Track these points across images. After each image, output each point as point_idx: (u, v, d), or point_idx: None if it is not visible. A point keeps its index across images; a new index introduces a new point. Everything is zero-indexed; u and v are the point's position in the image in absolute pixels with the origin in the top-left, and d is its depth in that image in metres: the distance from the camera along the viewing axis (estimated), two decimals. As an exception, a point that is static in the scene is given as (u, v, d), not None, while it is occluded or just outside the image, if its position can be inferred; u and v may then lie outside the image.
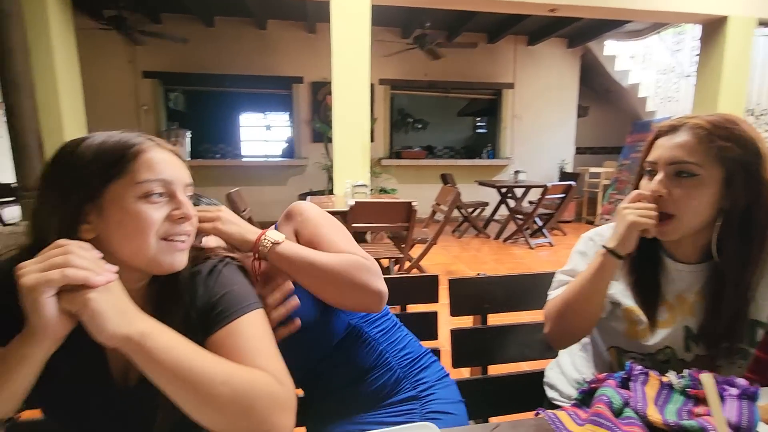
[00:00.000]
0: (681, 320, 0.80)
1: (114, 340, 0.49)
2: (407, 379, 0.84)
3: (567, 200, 4.73)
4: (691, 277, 0.80)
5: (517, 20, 5.34)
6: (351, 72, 3.56)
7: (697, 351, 0.80)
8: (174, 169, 0.60)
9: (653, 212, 0.73)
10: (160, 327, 0.53)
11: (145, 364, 0.50)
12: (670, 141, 0.74)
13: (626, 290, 0.83)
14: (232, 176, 5.80)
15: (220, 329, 0.59)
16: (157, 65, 5.47)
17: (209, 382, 0.51)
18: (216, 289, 0.62)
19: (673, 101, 5.82)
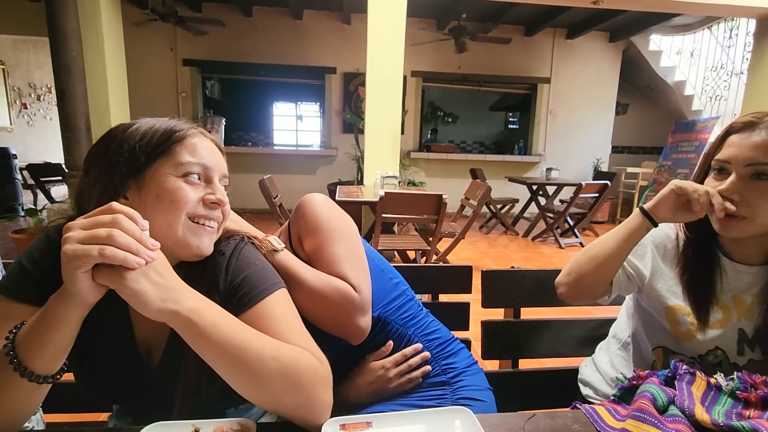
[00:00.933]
0: (736, 322, 0.77)
1: (161, 315, 0.49)
2: (436, 361, 0.85)
3: (601, 200, 4.58)
4: (751, 279, 0.77)
5: (556, 12, 5.17)
6: (385, 63, 3.56)
7: (751, 355, 0.77)
8: (213, 156, 0.64)
9: (717, 199, 0.68)
10: (207, 303, 0.53)
11: (194, 340, 0.51)
12: (747, 140, 0.69)
13: (676, 287, 0.80)
14: (264, 164, 5.92)
15: (245, 312, 0.59)
16: (196, 53, 5.62)
17: (259, 357, 0.52)
18: (237, 271, 0.62)
19: (722, 100, 5.51)
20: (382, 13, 3.50)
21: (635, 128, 7.02)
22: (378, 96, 3.61)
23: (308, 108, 8.54)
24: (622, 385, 0.66)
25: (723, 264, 0.78)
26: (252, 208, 5.85)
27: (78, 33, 2.94)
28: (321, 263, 0.74)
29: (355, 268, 0.74)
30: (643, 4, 3.80)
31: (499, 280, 1.11)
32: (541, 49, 6.23)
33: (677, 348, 0.81)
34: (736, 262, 0.78)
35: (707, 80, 5.77)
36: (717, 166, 0.72)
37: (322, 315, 0.72)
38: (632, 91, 6.83)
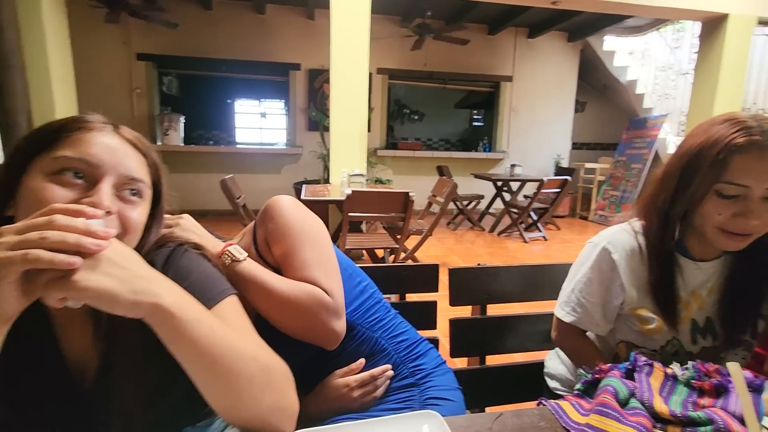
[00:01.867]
0: (691, 315, 0.81)
1: (137, 310, 0.42)
2: (404, 364, 0.84)
3: (562, 195, 4.74)
4: (707, 274, 0.81)
5: (518, 12, 5.30)
6: (349, 60, 3.52)
7: (703, 343, 0.81)
8: (114, 156, 0.53)
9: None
10: (187, 295, 0.48)
11: (174, 339, 0.45)
12: (761, 162, 0.65)
13: (642, 293, 0.81)
14: (226, 163, 5.73)
15: None
16: (151, 47, 5.35)
17: (242, 357, 0.48)
18: (176, 280, 0.54)
19: (671, 99, 5.83)
20: (346, 9, 3.45)
21: (593, 125, 7.32)
22: (343, 93, 3.57)
23: (272, 105, 8.34)
24: (586, 379, 0.67)
25: (681, 264, 0.80)
26: (214, 209, 5.68)
27: (15, 23, 2.72)
28: (291, 268, 0.72)
29: (327, 272, 0.73)
30: (597, 5, 3.96)
31: (466, 278, 1.11)
32: (504, 48, 6.37)
33: (641, 342, 0.83)
34: (695, 260, 0.80)
35: (657, 80, 6.09)
36: (730, 192, 0.68)
37: (296, 322, 0.70)
38: (589, 89, 7.11)
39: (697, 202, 0.71)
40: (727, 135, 0.67)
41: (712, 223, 0.71)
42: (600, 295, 0.82)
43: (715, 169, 0.67)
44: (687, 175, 0.71)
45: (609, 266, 0.81)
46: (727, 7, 3.99)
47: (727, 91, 4.14)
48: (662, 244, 0.77)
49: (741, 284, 0.78)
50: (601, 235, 0.85)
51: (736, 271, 0.79)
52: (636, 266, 0.80)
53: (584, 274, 0.84)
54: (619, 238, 0.82)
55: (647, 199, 0.80)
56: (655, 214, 0.77)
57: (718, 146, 0.67)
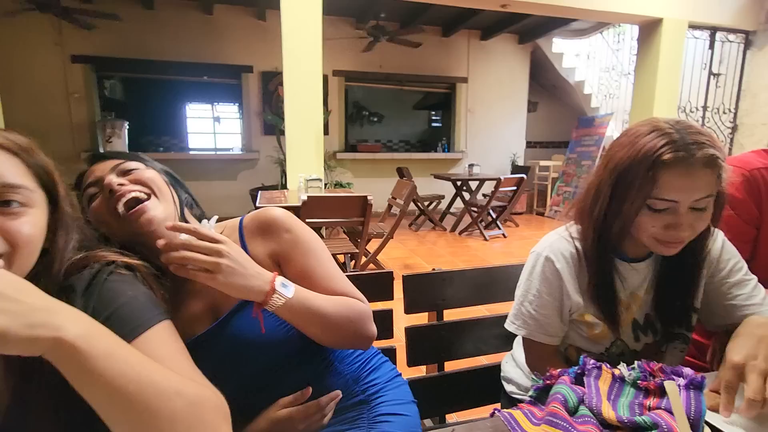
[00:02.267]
0: (632, 315, 0.82)
1: (34, 347, 0.37)
2: (357, 383, 0.79)
3: (519, 193, 4.88)
4: (643, 274, 0.82)
5: (470, 15, 5.40)
6: (303, 62, 3.44)
7: (645, 340, 0.83)
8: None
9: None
10: (97, 326, 0.42)
11: (80, 377, 0.40)
12: (687, 179, 0.67)
13: (586, 299, 0.81)
14: (178, 171, 5.19)
15: None
16: (87, 49, 5.01)
17: (162, 393, 0.43)
18: (100, 308, 0.50)
19: (615, 98, 6.15)
20: (297, 10, 3.38)
21: (545, 124, 7.60)
22: (297, 96, 3.48)
23: (226, 109, 8.07)
24: (537, 385, 0.65)
25: (618, 266, 0.81)
26: (167, 218, 5.37)
27: None
28: (318, 280, 0.72)
29: (346, 279, 0.75)
30: (543, 8, 4.10)
31: (421, 284, 1.09)
32: (458, 50, 6.48)
33: (588, 347, 0.84)
34: (630, 261, 0.82)
35: (602, 80, 6.41)
36: (659, 206, 0.69)
37: (343, 337, 0.72)
38: (541, 90, 7.38)
39: (632, 217, 0.72)
40: (654, 150, 0.67)
41: (646, 234, 0.73)
42: (552, 306, 0.82)
43: (646, 186, 0.68)
44: (620, 191, 0.72)
45: (554, 275, 0.81)
46: (661, 12, 4.25)
47: (665, 91, 4.41)
48: (600, 252, 0.78)
49: (671, 280, 0.81)
50: (541, 244, 0.85)
51: (665, 267, 0.82)
52: (578, 273, 0.81)
53: (533, 287, 0.83)
54: (559, 246, 0.82)
55: (582, 209, 0.80)
56: (591, 225, 0.78)
57: (647, 163, 0.68)
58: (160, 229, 0.65)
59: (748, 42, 4.67)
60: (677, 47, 4.39)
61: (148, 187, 0.69)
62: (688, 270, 0.80)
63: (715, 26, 4.55)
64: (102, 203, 0.66)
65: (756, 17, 4.54)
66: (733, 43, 4.69)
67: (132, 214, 0.65)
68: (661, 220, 0.70)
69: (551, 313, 0.82)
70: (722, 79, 4.79)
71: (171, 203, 0.71)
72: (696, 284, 0.81)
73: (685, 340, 0.85)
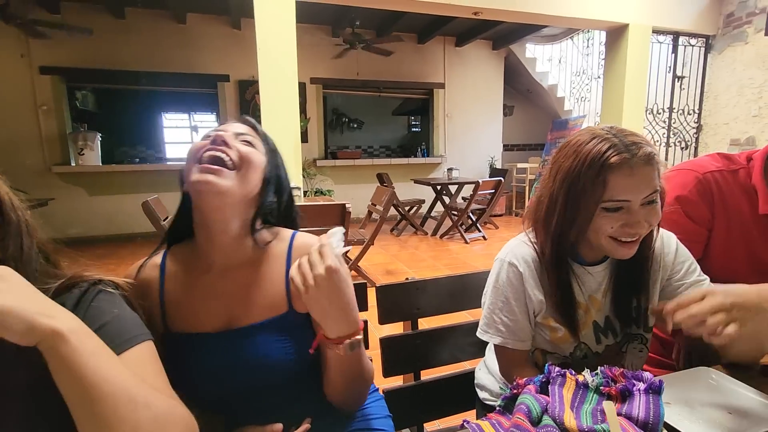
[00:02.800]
0: (592, 318, 0.85)
1: (33, 335, 0.40)
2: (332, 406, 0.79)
3: (497, 195, 4.95)
4: (599, 277, 0.85)
5: (444, 21, 5.48)
6: (278, 70, 3.42)
7: (606, 342, 0.86)
8: None
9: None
10: (86, 326, 0.46)
11: (64, 370, 0.42)
12: (633, 178, 0.70)
13: (548, 305, 0.83)
14: (155, 182, 5.35)
15: None
16: (56, 60, 4.87)
17: (131, 401, 0.45)
18: (87, 324, 0.51)
19: (587, 101, 6.32)
20: (271, 19, 3.36)
21: (521, 127, 7.75)
22: (274, 104, 3.46)
23: (203, 118, 7.97)
24: (505, 395, 0.66)
25: (576, 270, 0.84)
26: (143, 231, 5.27)
27: None
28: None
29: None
30: (514, 16, 4.19)
31: (394, 294, 1.09)
32: (434, 56, 6.57)
33: (553, 349, 0.86)
34: (587, 265, 0.84)
35: (574, 84, 6.58)
36: (613, 207, 0.72)
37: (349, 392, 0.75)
38: (515, 94, 7.53)
39: (588, 222, 0.75)
40: (600, 155, 0.71)
41: (605, 236, 0.75)
42: (520, 311, 0.83)
43: (597, 190, 0.71)
44: (573, 199, 0.74)
45: (518, 279, 0.83)
46: (627, 18, 4.40)
47: (633, 93, 4.56)
48: (558, 259, 0.80)
49: (625, 282, 0.84)
50: (504, 250, 0.87)
51: (619, 269, 0.85)
52: (539, 276, 0.83)
53: (501, 294, 0.84)
54: (521, 251, 0.84)
55: (537, 221, 0.83)
56: (549, 236, 0.80)
57: (595, 168, 0.71)
58: (210, 197, 0.67)
59: (708, 46, 4.88)
60: (643, 51, 4.55)
61: (241, 161, 0.69)
62: (639, 270, 0.83)
63: (678, 31, 4.73)
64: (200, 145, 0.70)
65: (715, 22, 4.75)
66: (694, 47, 4.89)
67: (204, 167, 0.67)
68: (618, 220, 0.73)
69: (521, 318, 0.83)
70: (686, 82, 4.98)
71: (245, 189, 0.70)
72: (647, 284, 0.84)
73: (643, 340, 0.88)
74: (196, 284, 0.72)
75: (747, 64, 4.52)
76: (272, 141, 0.79)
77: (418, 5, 3.84)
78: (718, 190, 0.98)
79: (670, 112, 4.98)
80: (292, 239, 0.77)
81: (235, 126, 0.75)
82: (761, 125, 4.43)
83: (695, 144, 5.10)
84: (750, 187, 0.98)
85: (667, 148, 5.03)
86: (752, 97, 4.49)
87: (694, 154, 5.11)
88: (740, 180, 0.99)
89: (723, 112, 4.80)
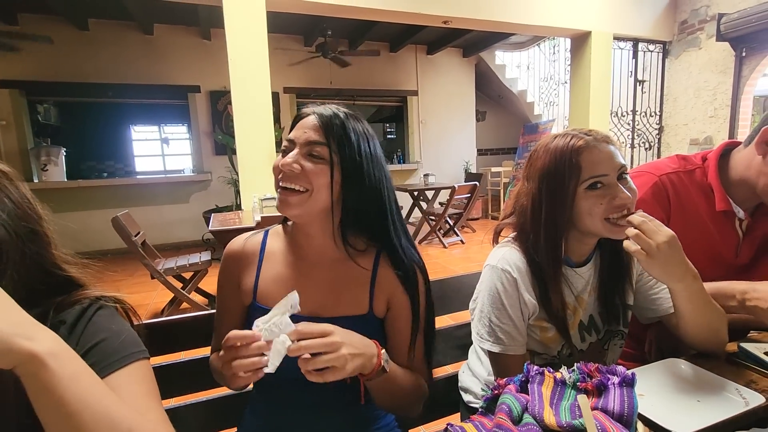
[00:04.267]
0: (578, 317, 0.87)
1: (9, 357, 0.38)
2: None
3: (473, 199, 5.03)
4: (585, 277, 0.88)
5: (415, 30, 5.57)
6: (250, 80, 3.40)
7: (589, 339, 0.89)
8: None
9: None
10: (67, 347, 0.43)
11: (42, 395, 0.40)
12: (603, 154, 0.78)
13: (540, 308, 0.84)
14: (124, 197, 5.19)
15: None
16: (14, 73, 4.68)
17: (111, 426, 0.43)
18: (85, 341, 0.52)
19: (555, 105, 6.53)
20: (242, 30, 3.34)
21: (494, 132, 7.92)
22: (247, 115, 3.43)
23: (174, 130, 7.78)
24: (486, 396, 0.67)
25: (565, 272, 0.85)
26: (113, 248, 5.08)
27: None
28: (405, 341, 0.79)
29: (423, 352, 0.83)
30: (483, 24, 4.31)
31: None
32: (407, 64, 6.65)
33: (543, 350, 0.87)
34: (574, 266, 0.87)
35: (542, 89, 6.79)
36: (594, 182, 0.78)
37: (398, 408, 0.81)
38: (487, 99, 7.70)
39: (571, 204, 0.79)
40: (567, 144, 0.79)
41: (599, 216, 0.78)
42: (516, 317, 0.83)
43: (574, 172, 0.78)
44: (554, 188, 0.79)
45: (512, 286, 0.82)
46: (589, 26, 4.59)
47: (598, 97, 4.74)
48: (554, 257, 0.82)
49: (607, 281, 0.88)
50: (494, 257, 0.86)
51: (602, 269, 0.88)
52: (530, 281, 0.84)
53: (497, 302, 0.83)
54: (511, 257, 0.84)
55: (524, 225, 0.85)
56: (542, 235, 0.81)
57: (567, 154, 0.78)
58: (289, 215, 0.75)
59: (665, 51, 5.14)
60: (605, 57, 4.74)
61: (309, 183, 0.72)
62: (617, 268, 0.87)
63: (637, 38, 4.97)
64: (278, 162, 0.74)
65: (671, 29, 5.01)
66: (653, 52, 5.14)
67: (281, 193, 0.74)
68: (603, 197, 0.78)
69: (518, 324, 0.83)
70: (647, 85, 5.22)
71: (316, 206, 0.73)
72: (626, 282, 0.88)
73: (622, 336, 0.91)
74: (292, 267, 0.79)
75: (702, 68, 4.78)
76: (354, 136, 0.73)
77: (390, 15, 3.90)
78: (674, 191, 1.02)
79: (633, 114, 5.20)
80: (379, 254, 0.80)
81: (309, 131, 0.73)
82: (717, 125, 4.68)
83: (658, 144, 5.34)
84: (706, 185, 1.03)
85: (632, 149, 5.25)
86: (708, 98, 4.74)
87: (658, 153, 5.34)
88: (696, 179, 1.04)
89: (682, 114, 5.05)
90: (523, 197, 0.85)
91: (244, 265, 0.80)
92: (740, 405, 0.68)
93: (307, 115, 0.75)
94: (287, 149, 0.75)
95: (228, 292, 0.81)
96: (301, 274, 0.78)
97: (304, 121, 0.74)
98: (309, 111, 0.75)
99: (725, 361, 0.83)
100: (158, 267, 2.92)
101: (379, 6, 3.71)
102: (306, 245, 0.80)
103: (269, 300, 0.76)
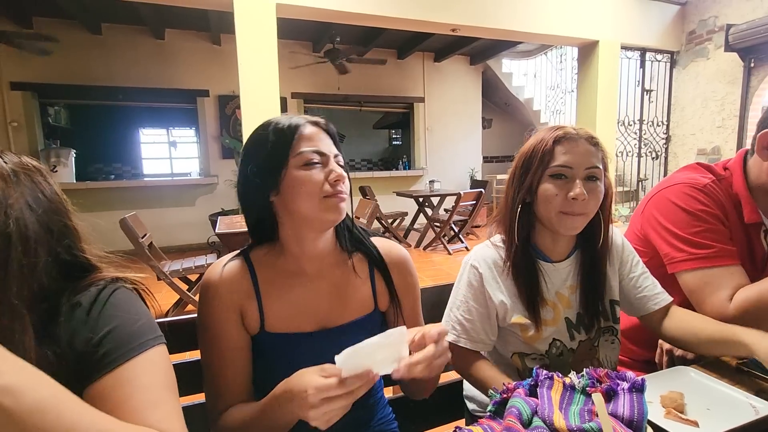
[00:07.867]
0: (562, 314, 0.88)
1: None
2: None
3: (478, 206, 5.03)
4: (564, 273, 0.89)
5: (423, 38, 5.61)
6: (260, 85, 3.44)
7: (579, 337, 0.89)
8: None
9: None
10: (32, 377, 0.39)
11: (5, 428, 0.37)
12: (576, 150, 0.81)
13: (514, 302, 0.86)
14: (131, 199, 5.23)
15: (104, 376, 0.47)
16: (28, 76, 4.76)
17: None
18: (101, 324, 0.50)
19: (561, 114, 6.53)
20: (252, 35, 3.39)
21: (499, 139, 7.93)
22: (255, 119, 3.45)
23: (182, 133, 7.86)
24: (495, 399, 0.67)
25: (542, 267, 0.88)
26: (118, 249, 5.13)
27: None
28: (416, 321, 0.83)
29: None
30: (491, 32, 4.33)
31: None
32: (414, 71, 6.69)
33: (529, 350, 0.88)
34: (552, 261, 0.89)
35: (549, 97, 6.80)
36: (557, 172, 0.81)
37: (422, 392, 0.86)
38: (493, 107, 7.72)
39: (536, 188, 0.83)
40: (550, 132, 0.84)
41: (553, 207, 0.81)
42: (478, 312, 0.87)
43: (546, 159, 0.82)
44: (527, 173, 0.84)
45: (478, 282, 0.87)
46: (597, 35, 4.60)
47: (605, 106, 4.74)
48: (524, 252, 0.85)
49: (590, 278, 0.89)
50: (470, 254, 0.92)
51: (583, 266, 0.89)
52: (502, 277, 0.87)
53: (461, 294, 0.89)
54: (483, 253, 0.89)
55: (502, 217, 0.91)
56: (507, 215, 0.87)
57: (546, 141, 0.83)
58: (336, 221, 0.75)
59: (673, 61, 5.13)
60: (613, 66, 4.75)
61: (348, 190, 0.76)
62: (601, 264, 0.89)
63: (645, 47, 4.97)
64: (319, 174, 0.71)
65: (678, 39, 5.01)
66: (660, 62, 5.13)
67: (338, 198, 0.72)
68: (562, 188, 0.80)
69: (476, 319, 0.87)
70: (654, 95, 5.21)
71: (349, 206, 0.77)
72: (605, 277, 0.90)
73: (613, 332, 0.92)
74: (292, 286, 0.76)
75: (709, 78, 4.77)
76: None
77: (398, 22, 3.93)
78: (719, 201, 0.98)
79: (640, 123, 5.19)
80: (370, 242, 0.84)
81: (328, 141, 0.76)
82: (725, 135, 4.66)
83: (665, 154, 5.32)
84: (734, 195, 0.99)
85: (639, 159, 5.23)
86: (716, 108, 4.72)
87: (665, 163, 5.32)
88: (726, 189, 1.00)
89: (689, 124, 5.04)
90: (505, 192, 0.90)
91: (241, 294, 0.74)
92: (750, 413, 0.67)
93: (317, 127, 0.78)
94: (321, 162, 0.73)
95: (231, 326, 0.72)
96: (306, 288, 0.77)
97: (323, 135, 0.77)
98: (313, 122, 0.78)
99: (735, 370, 0.83)
100: (164, 269, 2.93)
101: (388, 13, 3.75)
102: (302, 260, 0.77)
103: (281, 326, 0.74)
